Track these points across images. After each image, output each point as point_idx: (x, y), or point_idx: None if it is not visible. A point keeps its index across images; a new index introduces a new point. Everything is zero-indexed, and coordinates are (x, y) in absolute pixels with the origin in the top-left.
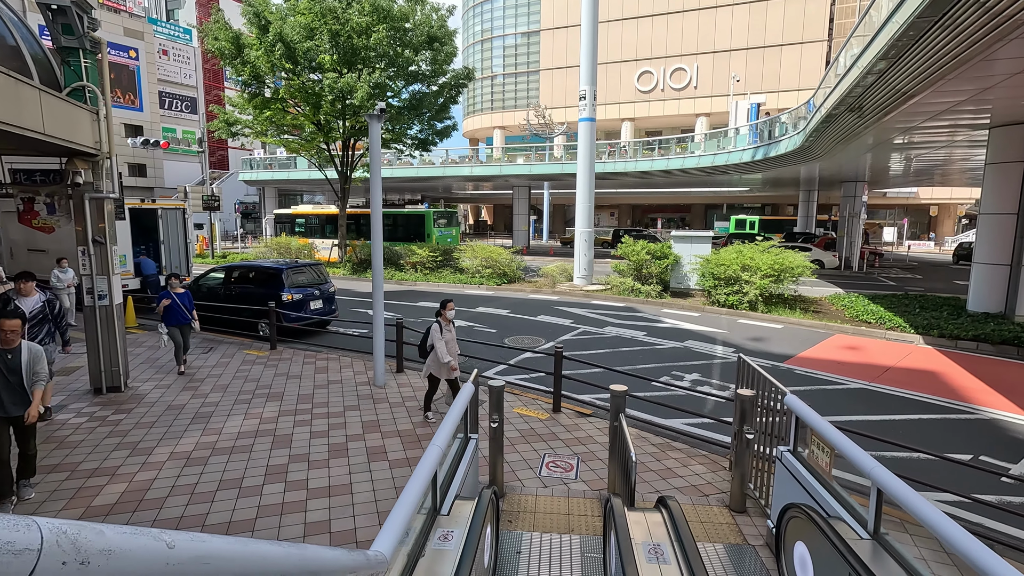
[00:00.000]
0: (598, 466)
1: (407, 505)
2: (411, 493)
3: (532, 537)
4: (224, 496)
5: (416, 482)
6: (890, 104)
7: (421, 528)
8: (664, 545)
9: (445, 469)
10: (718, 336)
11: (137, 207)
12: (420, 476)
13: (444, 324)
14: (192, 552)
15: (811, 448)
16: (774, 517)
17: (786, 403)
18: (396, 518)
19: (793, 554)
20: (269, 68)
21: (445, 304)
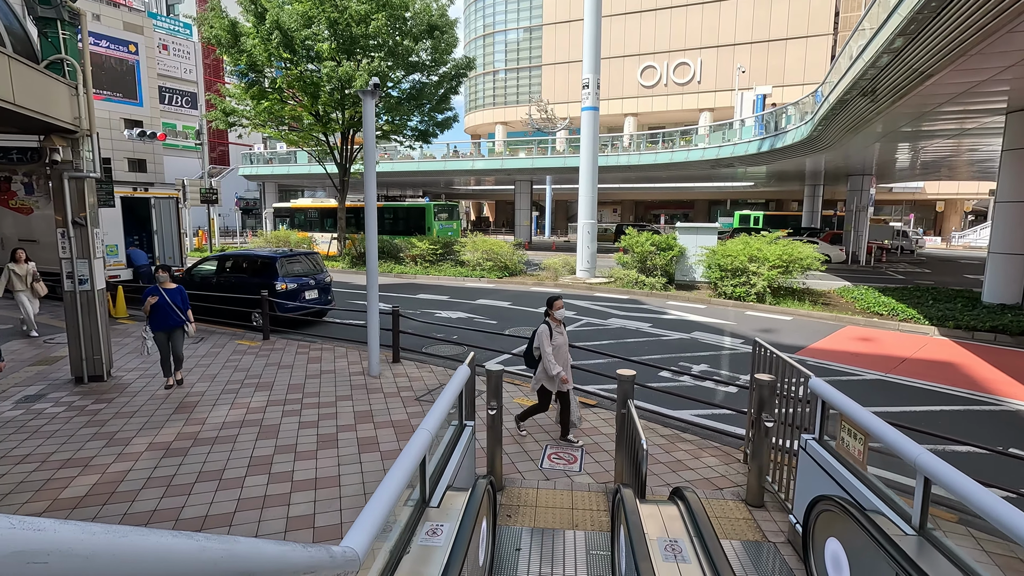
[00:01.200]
0: (604, 458)
1: (388, 495)
2: (393, 482)
3: (533, 533)
4: (202, 489)
5: (400, 470)
6: (905, 86)
7: (407, 522)
8: (682, 541)
9: (436, 458)
10: (726, 327)
11: (129, 196)
12: (405, 463)
13: (554, 325)
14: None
15: (841, 436)
16: (798, 512)
17: (811, 387)
18: (374, 509)
19: (824, 552)
20: (266, 57)
21: (553, 302)
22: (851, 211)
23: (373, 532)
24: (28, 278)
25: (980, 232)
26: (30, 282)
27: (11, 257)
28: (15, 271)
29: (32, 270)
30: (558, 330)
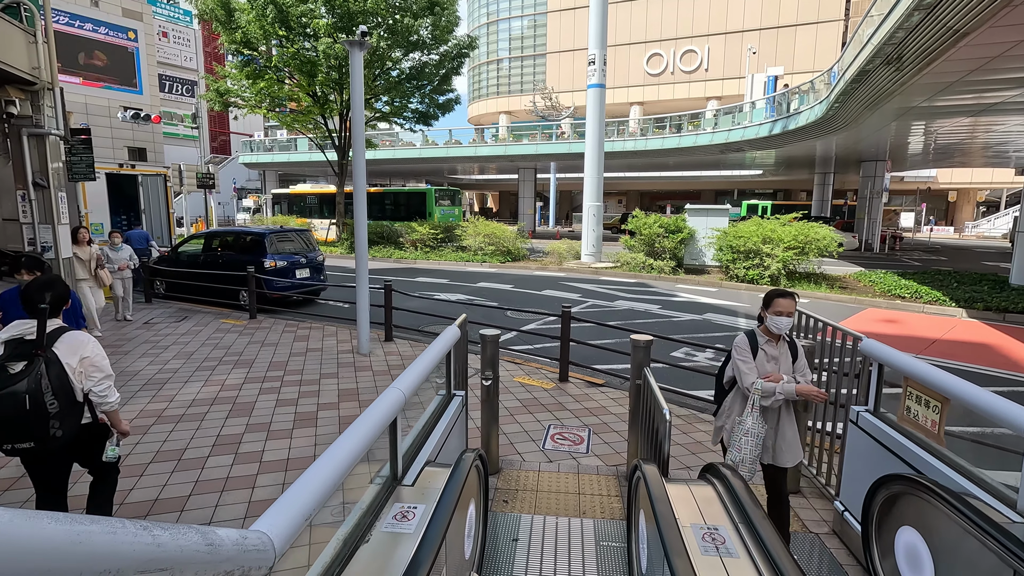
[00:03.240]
0: (614, 439)
1: (331, 467)
2: (343, 450)
3: (533, 521)
4: (157, 470)
5: (355, 435)
6: (935, 49)
7: (371, 503)
8: (724, 529)
9: (416, 430)
10: (740, 309)
11: (115, 173)
12: (364, 428)
13: (763, 339)
14: None
15: (906, 405)
16: (847, 499)
17: (865, 349)
18: (307, 484)
19: (896, 544)
20: (261, 34)
21: (772, 299)
22: (864, 197)
23: (300, 513)
24: (92, 264)
25: (995, 221)
26: (94, 268)
27: (72, 237)
28: (78, 255)
29: (96, 254)
30: (770, 347)
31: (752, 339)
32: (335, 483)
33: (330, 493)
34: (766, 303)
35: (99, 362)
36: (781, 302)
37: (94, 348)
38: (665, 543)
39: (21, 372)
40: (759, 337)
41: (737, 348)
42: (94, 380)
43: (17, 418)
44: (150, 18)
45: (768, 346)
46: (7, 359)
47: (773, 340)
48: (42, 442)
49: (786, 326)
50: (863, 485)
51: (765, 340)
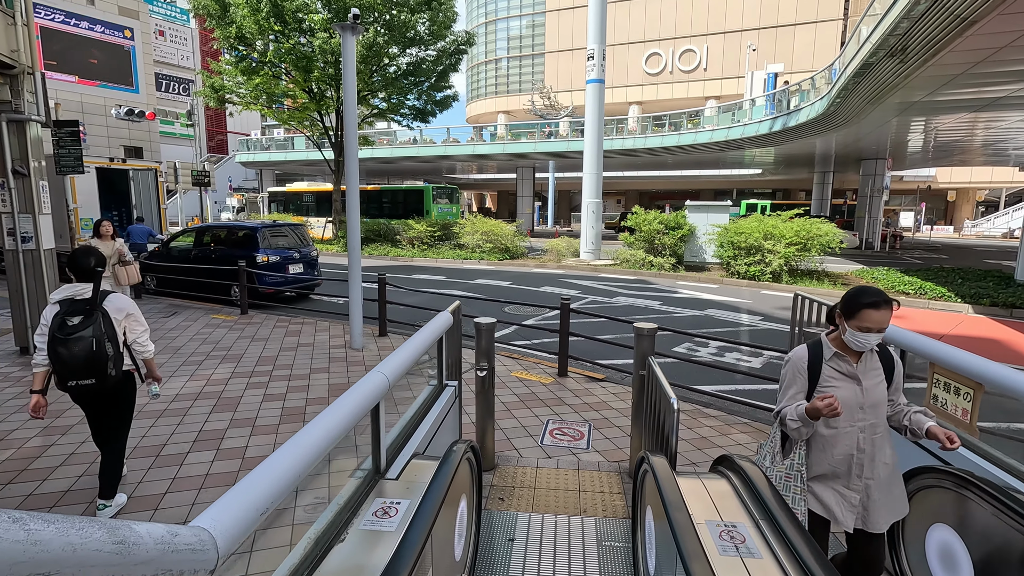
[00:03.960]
0: (615, 434)
1: (295, 455)
2: (311, 437)
3: (531, 519)
4: (133, 466)
5: (327, 422)
6: (941, 39)
7: (350, 498)
8: (743, 527)
9: (404, 422)
10: (742, 305)
11: (106, 167)
12: (339, 413)
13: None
14: None
15: (932, 394)
16: None
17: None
18: (264, 475)
19: (927, 542)
20: (256, 29)
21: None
22: (865, 196)
23: (253, 507)
24: (114, 259)
25: (994, 221)
26: (114, 264)
27: (94, 231)
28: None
29: (119, 248)
30: (843, 362)
31: (814, 353)
32: (298, 474)
33: (291, 485)
34: (848, 310)
35: (139, 318)
36: (871, 315)
37: (134, 306)
38: (679, 542)
39: (80, 324)
40: (825, 349)
41: (789, 363)
42: (136, 332)
43: (85, 358)
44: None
45: (839, 361)
46: (65, 314)
47: (850, 355)
48: (102, 380)
49: (872, 344)
50: None
51: (832, 353)
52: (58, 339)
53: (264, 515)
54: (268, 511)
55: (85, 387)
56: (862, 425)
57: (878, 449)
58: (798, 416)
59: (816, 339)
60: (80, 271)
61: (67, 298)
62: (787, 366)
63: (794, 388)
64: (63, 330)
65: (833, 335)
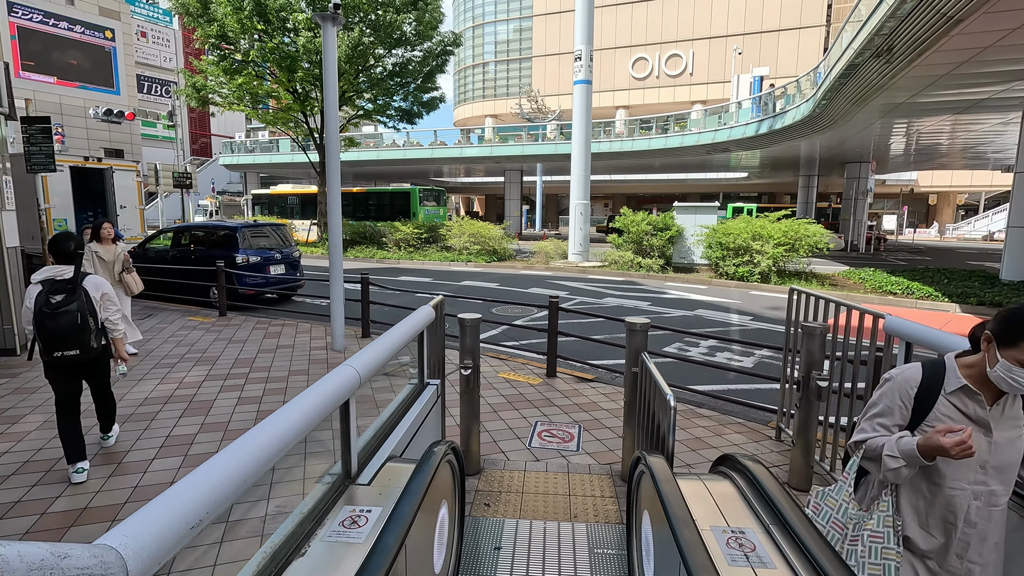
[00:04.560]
0: (606, 436)
1: (239, 459)
2: (262, 436)
3: (519, 526)
4: (92, 475)
5: (283, 421)
6: (927, 39)
7: (314, 507)
8: (752, 532)
9: (380, 421)
10: (731, 305)
11: (81, 166)
12: (297, 411)
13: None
14: None
15: None
16: None
17: (891, 328)
18: (196, 483)
19: None
20: (239, 28)
21: (1019, 331)
22: (849, 199)
23: (178, 521)
24: (116, 266)
25: (975, 224)
26: (118, 272)
27: (93, 233)
28: (99, 255)
29: (122, 254)
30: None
31: (931, 378)
32: (244, 479)
33: (233, 493)
34: (1009, 335)
35: (113, 298)
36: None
37: (109, 288)
38: (683, 550)
39: (64, 300)
40: (949, 377)
41: (890, 383)
42: (110, 311)
43: (72, 330)
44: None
45: (966, 398)
46: (49, 292)
47: (985, 393)
48: (85, 351)
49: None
50: None
51: (959, 385)
52: (45, 313)
53: (197, 529)
54: (202, 524)
55: (69, 357)
56: (979, 490)
57: (994, 525)
58: (903, 453)
59: (936, 360)
60: (60, 254)
61: (48, 278)
62: (886, 386)
63: (888, 418)
64: (49, 305)
65: (967, 361)
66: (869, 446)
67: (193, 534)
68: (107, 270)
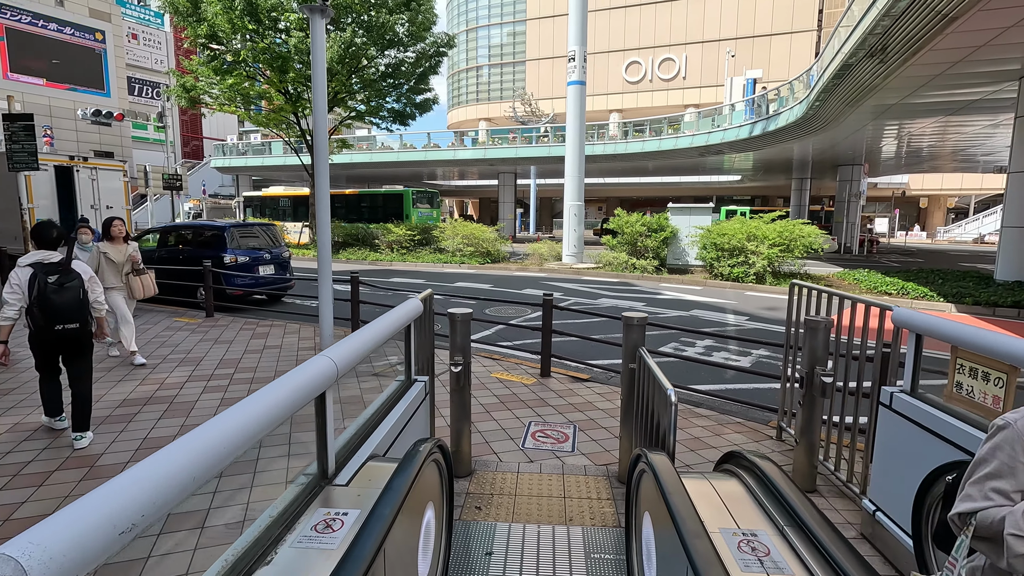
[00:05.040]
0: (602, 436)
1: (191, 452)
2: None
3: (511, 530)
4: (64, 478)
5: (246, 413)
6: (922, 37)
7: (284, 510)
8: (765, 535)
9: (363, 419)
10: (727, 306)
11: (65, 166)
12: (264, 403)
13: None
14: None
15: (955, 381)
16: (879, 496)
17: (897, 320)
18: (128, 482)
19: None
20: (229, 28)
21: None
22: (842, 201)
23: (102, 527)
24: (126, 267)
25: (965, 226)
26: (126, 273)
27: (104, 231)
28: (108, 255)
29: (133, 255)
30: None
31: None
32: (190, 478)
33: (179, 494)
34: None
35: (98, 281)
36: None
37: (91, 272)
38: (691, 555)
39: (63, 278)
40: None
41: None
42: (96, 292)
43: (75, 305)
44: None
45: None
46: (44, 274)
47: None
48: (83, 324)
49: None
50: (901, 479)
51: None
52: (51, 289)
53: (129, 535)
54: (136, 529)
55: (70, 331)
56: None
57: None
58: None
59: None
60: (44, 241)
61: (38, 262)
62: (1000, 436)
63: (1007, 480)
64: (51, 283)
65: None
66: (982, 520)
67: (124, 540)
68: (115, 272)
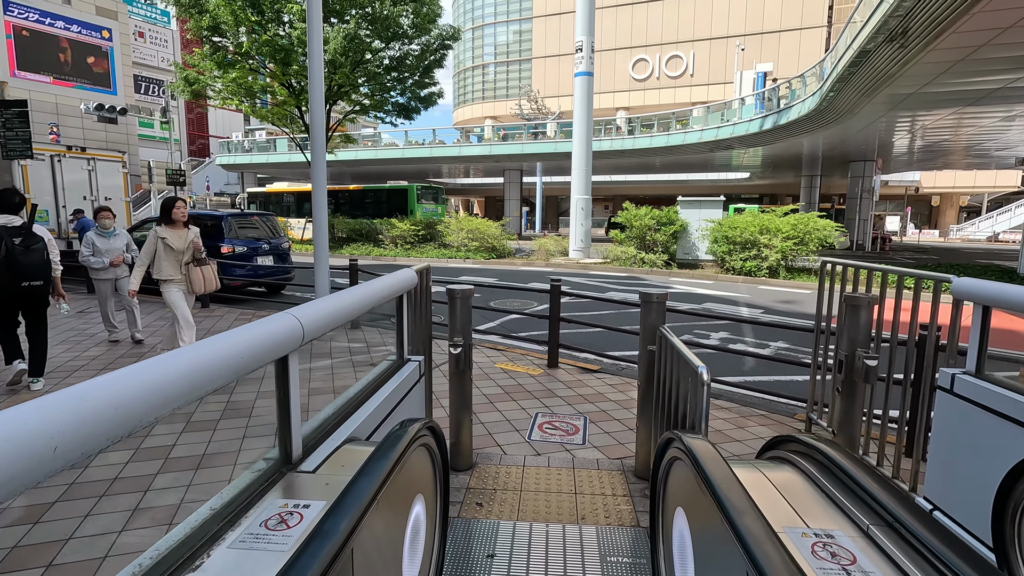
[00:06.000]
0: (615, 428)
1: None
2: (111, 390)
3: (516, 529)
4: None
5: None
6: (946, 17)
7: (232, 500)
8: (843, 537)
9: (345, 398)
10: (740, 299)
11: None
12: (184, 363)
13: None
14: None
15: None
16: (936, 494)
17: (959, 291)
18: None
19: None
20: (232, 20)
21: None
22: (854, 197)
23: None
24: (186, 255)
25: (979, 225)
26: (185, 262)
27: (163, 215)
28: (167, 241)
29: (195, 241)
30: None
31: None
32: (49, 447)
33: (36, 469)
34: None
35: (55, 244)
36: None
37: (50, 235)
38: (756, 558)
39: (28, 240)
40: None
41: None
42: (55, 253)
43: (40, 264)
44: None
45: None
46: (10, 236)
47: None
48: (46, 283)
49: None
50: (969, 476)
51: None
52: (18, 250)
53: None
54: None
55: (35, 287)
56: None
57: None
58: None
59: None
60: (7, 206)
61: (2, 225)
62: None
63: None
64: (17, 245)
65: None
66: None
67: None
68: (174, 261)
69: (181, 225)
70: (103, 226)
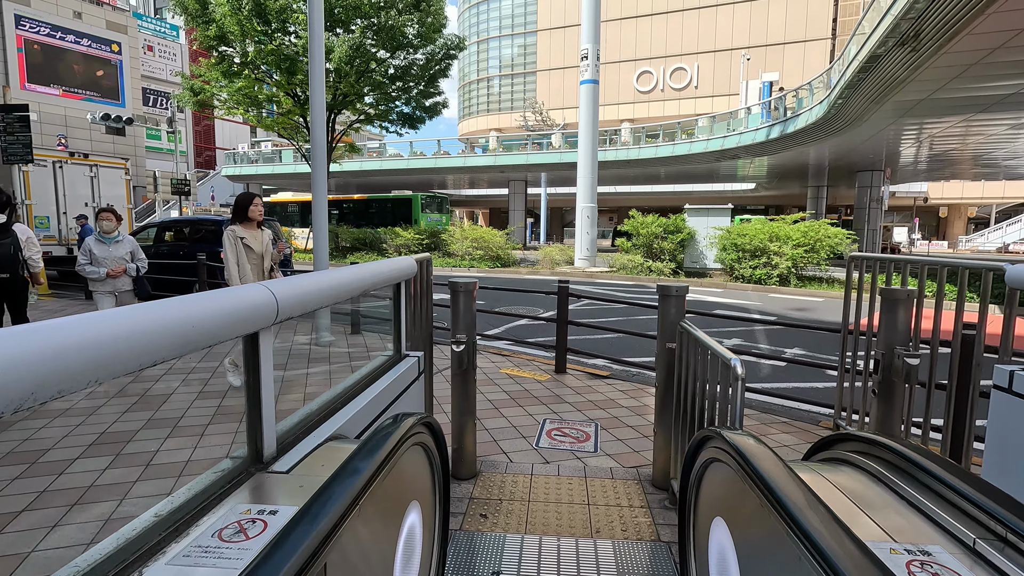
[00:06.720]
0: (629, 435)
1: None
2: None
3: (524, 543)
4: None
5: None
6: (961, 19)
7: (185, 504)
8: (944, 554)
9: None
10: (751, 307)
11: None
12: (122, 322)
13: None
14: None
15: None
16: None
17: (1013, 278)
18: None
19: None
20: (238, 30)
21: None
22: (863, 207)
23: None
24: (266, 260)
25: (988, 236)
26: (269, 267)
27: (235, 212)
28: (247, 242)
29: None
30: None
31: None
32: None
33: None
34: None
35: (35, 242)
36: None
37: (31, 234)
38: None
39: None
40: None
41: None
42: (32, 251)
43: (7, 258)
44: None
45: None
46: None
47: None
48: (12, 276)
49: None
50: None
51: None
52: None
53: None
54: None
55: (2, 279)
56: None
57: None
58: None
59: None
60: None
61: None
62: None
63: None
64: None
65: None
66: None
67: None
68: (256, 268)
69: (254, 226)
70: (104, 230)
